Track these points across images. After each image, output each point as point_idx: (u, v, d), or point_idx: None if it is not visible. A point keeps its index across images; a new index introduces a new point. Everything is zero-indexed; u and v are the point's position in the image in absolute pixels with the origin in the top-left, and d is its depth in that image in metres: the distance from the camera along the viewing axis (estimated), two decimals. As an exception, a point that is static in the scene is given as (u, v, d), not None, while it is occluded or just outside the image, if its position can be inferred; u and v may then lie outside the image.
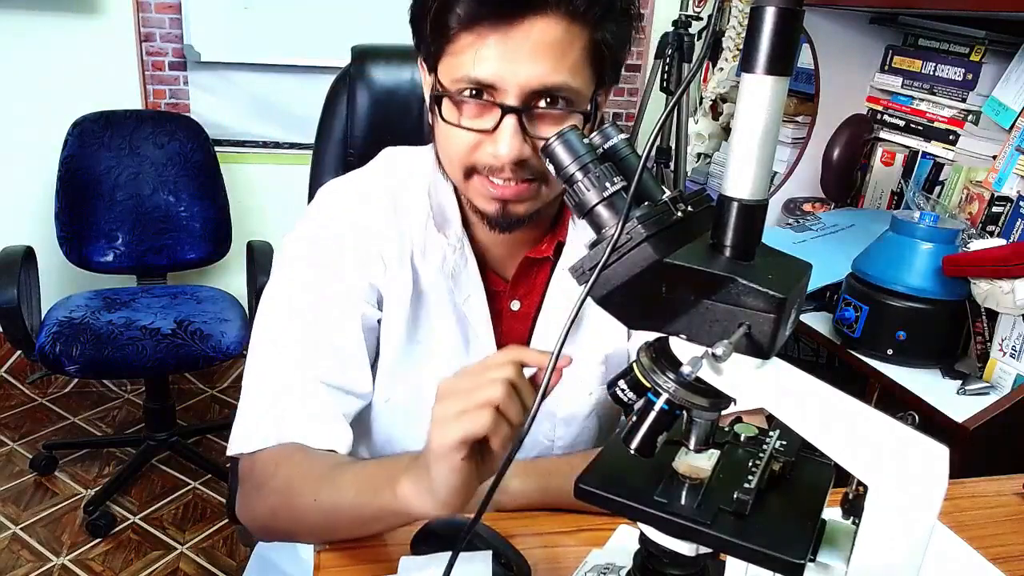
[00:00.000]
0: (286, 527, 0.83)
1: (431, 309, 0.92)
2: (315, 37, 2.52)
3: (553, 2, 0.75)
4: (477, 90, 0.78)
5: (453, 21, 0.76)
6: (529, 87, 0.76)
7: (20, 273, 1.95)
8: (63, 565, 1.98)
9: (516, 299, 0.96)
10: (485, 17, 0.74)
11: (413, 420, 0.92)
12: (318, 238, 0.90)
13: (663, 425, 0.57)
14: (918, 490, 0.50)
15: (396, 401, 0.94)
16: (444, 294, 0.92)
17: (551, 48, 0.75)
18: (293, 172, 2.59)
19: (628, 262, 0.53)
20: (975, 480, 1.03)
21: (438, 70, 0.81)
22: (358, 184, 0.94)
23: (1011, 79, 1.61)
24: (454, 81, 0.79)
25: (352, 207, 0.91)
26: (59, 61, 2.46)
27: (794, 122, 2.14)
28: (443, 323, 0.93)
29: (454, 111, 0.80)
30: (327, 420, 0.85)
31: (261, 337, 0.89)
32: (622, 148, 0.60)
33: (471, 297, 0.92)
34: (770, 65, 0.49)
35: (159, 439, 2.32)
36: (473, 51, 0.76)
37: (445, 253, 0.91)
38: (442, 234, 0.91)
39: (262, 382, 0.87)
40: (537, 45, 0.75)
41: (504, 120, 0.78)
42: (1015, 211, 1.54)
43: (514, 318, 0.96)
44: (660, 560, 0.61)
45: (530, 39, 0.75)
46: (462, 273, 0.92)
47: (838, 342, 1.53)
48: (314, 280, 0.89)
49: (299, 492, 0.79)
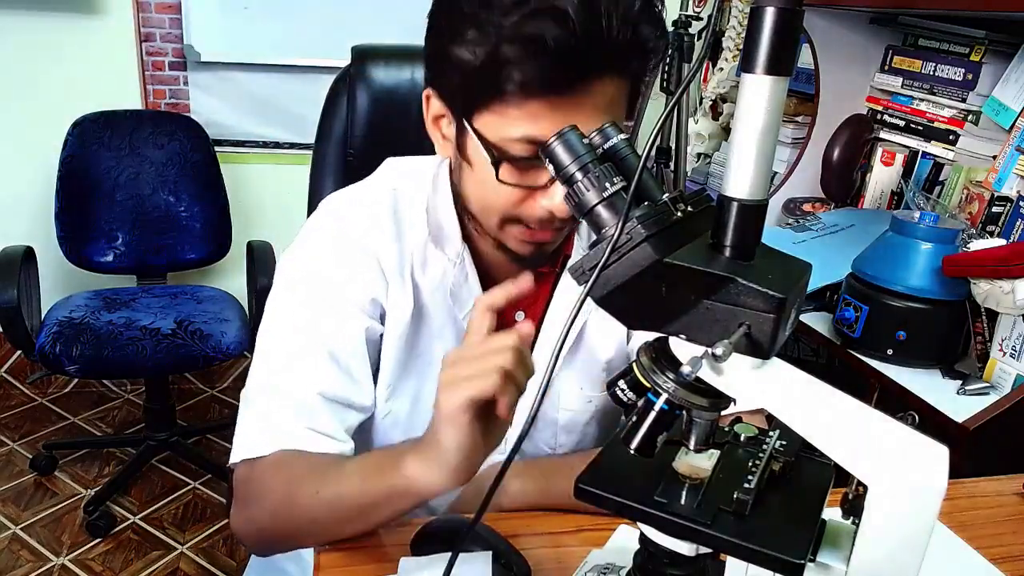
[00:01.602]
0: (286, 529, 0.83)
1: (432, 324, 0.92)
2: (315, 37, 2.52)
3: (614, 65, 0.74)
4: (534, 151, 0.75)
5: (512, 85, 0.73)
6: None
7: (20, 273, 1.95)
8: (63, 565, 1.98)
9: (520, 310, 0.96)
10: (548, 87, 0.73)
11: (412, 434, 0.92)
12: (320, 252, 0.90)
13: (663, 425, 0.57)
14: (918, 490, 0.50)
15: (396, 415, 0.94)
16: (444, 310, 0.92)
17: (608, 107, 0.76)
18: (293, 172, 2.59)
19: (628, 262, 0.53)
20: (975, 480, 1.03)
21: (473, 119, 0.78)
22: (360, 198, 0.93)
23: (1011, 79, 1.61)
24: (505, 139, 0.76)
25: (354, 222, 0.90)
26: (59, 61, 2.46)
27: (794, 122, 2.14)
28: (443, 338, 0.93)
29: (510, 170, 0.78)
30: (328, 434, 0.85)
31: (264, 349, 0.89)
32: (622, 148, 0.60)
33: (472, 312, 0.92)
34: (770, 65, 0.49)
35: (159, 439, 2.32)
36: (532, 114, 0.74)
37: (445, 269, 0.91)
38: (440, 250, 0.91)
39: (264, 394, 0.87)
40: (596, 107, 0.75)
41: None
42: (1015, 211, 1.54)
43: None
44: (660, 560, 0.61)
45: (590, 100, 0.74)
46: (462, 288, 0.92)
47: (838, 342, 1.53)
48: (316, 294, 0.88)
49: (300, 488, 0.78)
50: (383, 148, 0.99)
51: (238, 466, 0.86)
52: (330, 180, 1.29)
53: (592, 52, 0.71)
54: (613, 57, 0.73)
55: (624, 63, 0.75)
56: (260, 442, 0.84)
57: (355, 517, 0.77)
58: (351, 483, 0.75)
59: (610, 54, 0.73)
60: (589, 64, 0.72)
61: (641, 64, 0.77)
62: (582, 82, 0.73)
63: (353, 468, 0.77)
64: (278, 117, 2.64)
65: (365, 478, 0.74)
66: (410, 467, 0.69)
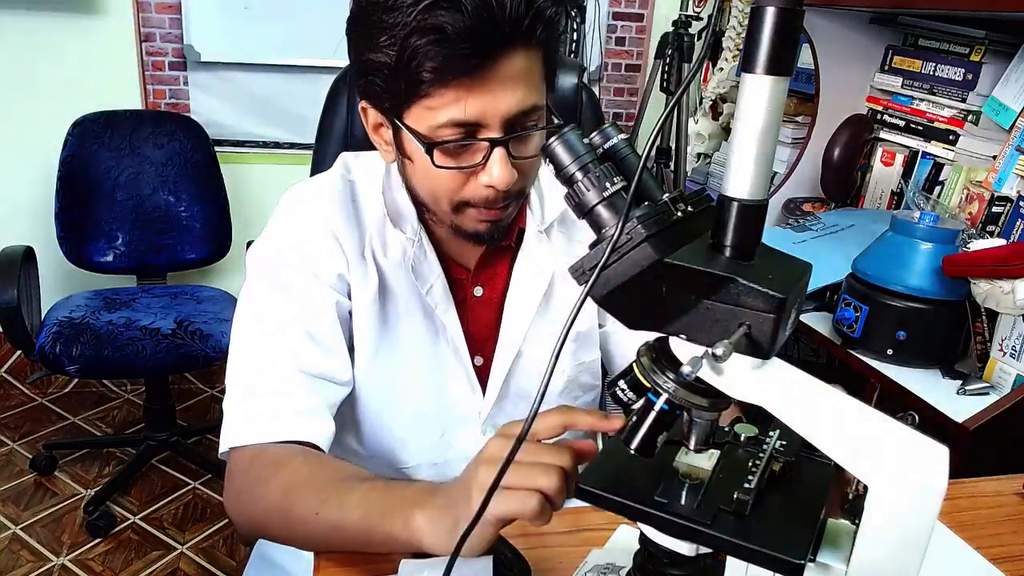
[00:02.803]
0: (281, 533, 0.83)
1: (398, 303, 0.96)
2: (315, 37, 2.52)
3: (517, 37, 0.78)
4: (462, 132, 0.80)
5: (427, 74, 0.77)
6: (510, 116, 0.80)
7: (20, 273, 1.95)
8: (63, 565, 1.98)
9: (479, 285, 0.99)
10: (459, 70, 0.77)
11: (392, 408, 0.97)
12: (285, 237, 0.94)
13: (663, 425, 0.57)
14: (918, 490, 0.50)
15: (374, 391, 0.97)
16: (407, 286, 0.95)
17: (522, 76, 0.80)
18: (293, 172, 2.59)
19: (628, 262, 0.53)
20: (975, 480, 1.03)
21: (403, 116, 0.82)
22: (317, 186, 0.97)
23: (1011, 79, 1.61)
24: (434, 128, 0.80)
25: (314, 207, 0.94)
26: (59, 61, 2.46)
27: (794, 122, 2.14)
28: (410, 315, 0.96)
29: (444, 155, 0.82)
30: (310, 413, 0.87)
31: (240, 334, 0.92)
32: (622, 148, 0.60)
33: (433, 287, 0.96)
34: (770, 65, 0.49)
35: (159, 439, 2.32)
36: (451, 98, 0.78)
37: (405, 247, 0.94)
38: (399, 229, 0.94)
39: (245, 378, 0.89)
40: (510, 78, 0.79)
41: (493, 153, 0.81)
42: (1015, 211, 1.54)
43: (480, 304, 1.00)
44: (660, 560, 0.61)
45: (504, 74, 0.78)
46: (423, 264, 0.95)
47: (838, 342, 1.53)
48: (285, 276, 0.91)
49: (300, 502, 0.78)
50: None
51: (229, 455, 0.87)
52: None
53: (490, 31, 0.75)
54: (512, 32, 0.77)
55: (528, 34, 0.78)
56: (247, 427, 0.86)
57: (350, 546, 0.78)
58: (351, 516, 0.75)
59: (508, 30, 0.76)
60: (491, 43, 0.76)
61: (545, 31, 0.80)
62: (489, 60, 0.77)
63: (357, 501, 0.76)
64: (278, 117, 2.64)
65: (367, 515, 0.74)
66: (418, 523, 0.70)
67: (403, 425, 0.99)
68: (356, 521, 0.75)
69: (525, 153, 0.84)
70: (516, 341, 0.99)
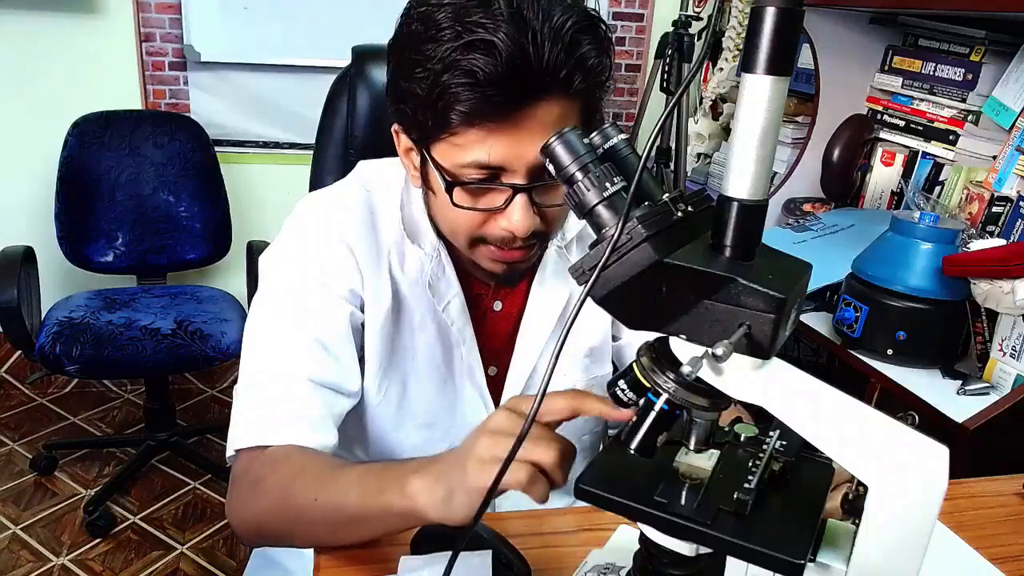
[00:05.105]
0: (281, 528, 0.83)
1: (413, 317, 0.95)
2: (315, 37, 2.52)
3: (553, 85, 0.76)
4: (486, 174, 0.79)
5: (455, 115, 0.76)
6: (536, 164, 0.78)
7: (20, 273, 1.95)
8: (63, 565, 1.98)
9: (498, 300, 0.99)
10: (487, 115, 0.75)
11: (402, 422, 0.97)
12: (299, 246, 0.93)
13: (663, 425, 0.57)
14: (918, 490, 0.50)
15: (384, 403, 0.96)
16: (424, 302, 0.94)
17: (555, 124, 0.76)
18: (293, 172, 2.59)
19: (628, 262, 0.53)
20: (975, 480, 1.03)
21: (431, 149, 0.81)
22: (335, 197, 0.96)
23: (1011, 79, 1.61)
24: (458, 165, 0.79)
25: (330, 218, 0.93)
26: (59, 61, 2.46)
27: (794, 122, 2.14)
28: (424, 330, 0.95)
29: (465, 194, 0.81)
30: (314, 421, 0.86)
31: (251, 341, 0.92)
32: (622, 148, 0.60)
33: (450, 304, 0.95)
34: (770, 65, 0.49)
35: (159, 439, 2.32)
36: (477, 139, 0.77)
37: (423, 263, 0.93)
38: (417, 245, 0.93)
39: (253, 383, 0.89)
40: (542, 127, 0.76)
41: (516, 198, 0.80)
42: (1015, 211, 1.54)
43: (498, 317, 0.99)
44: (660, 560, 0.61)
45: (535, 122, 0.76)
46: (440, 281, 0.94)
47: (838, 342, 1.53)
48: (299, 285, 0.90)
49: (299, 491, 0.78)
50: (383, 148, 0.99)
51: (235, 458, 0.87)
52: (330, 180, 1.27)
53: (523, 78, 0.74)
54: (548, 80, 0.75)
55: (566, 83, 0.76)
56: (251, 431, 0.86)
57: (349, 528, 0.78)
58: (349, 495, 0.75)
59: (543, 78, 0.74)
60: (523, 90, 0.74)
61: (585, 80, 0.77)
62: (520, 106, 0.75)
63: (353, 480, 0.76)
64: (278, 117, 2.64)
65: (364, 492, 0.74)
66: (414, 487, 0.69)
67: (411, 438, 0.98)
68: (355, 500, 0.74)
69: (550, 201, 0.82)
70: (532, 357, 0.99)
